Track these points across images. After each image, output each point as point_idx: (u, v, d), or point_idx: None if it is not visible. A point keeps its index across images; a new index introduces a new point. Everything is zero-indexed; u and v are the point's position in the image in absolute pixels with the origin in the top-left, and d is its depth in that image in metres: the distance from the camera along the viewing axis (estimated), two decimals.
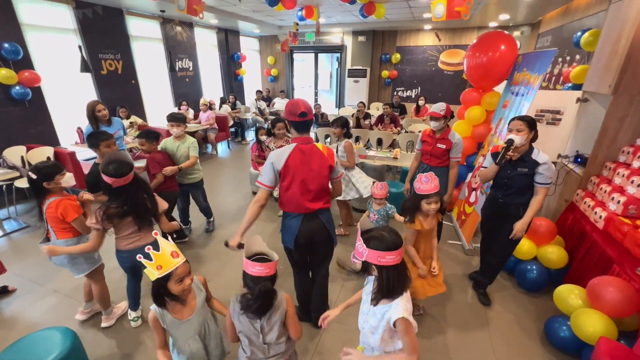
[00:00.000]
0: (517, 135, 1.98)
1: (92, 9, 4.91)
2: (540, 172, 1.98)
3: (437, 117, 2.62)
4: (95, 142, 2.30)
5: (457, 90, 7.83)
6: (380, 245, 1.09)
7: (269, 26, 7.85)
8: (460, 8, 3.15)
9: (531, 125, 1.99)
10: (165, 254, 1.21)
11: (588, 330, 1.78)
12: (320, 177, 1.80)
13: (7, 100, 4.03)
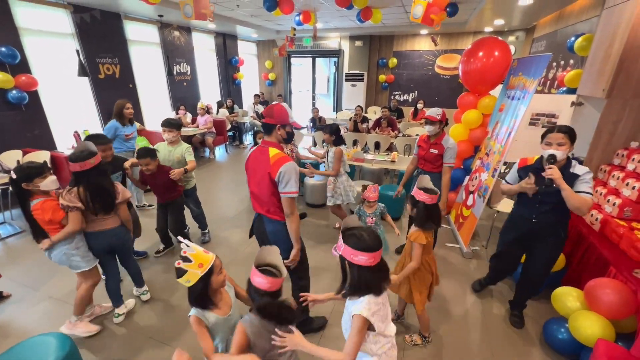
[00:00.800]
0: (558, 150, 1.76)
1: (90, 13, 4.91)
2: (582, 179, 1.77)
3: (432, 121, 2.62)
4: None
5: (453, 94, 7.90)
6: (357, 244, 1.12)
7: (266, 31, 7.90)
8: (434, 17, 3.18)
9: (572, 137, 1.78)
10: (199, 252, 1.23)
11: (586, 333, 1.79)
12: (261, 183, 1.75)
13: (3, 104, 4.01)
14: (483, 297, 2.59)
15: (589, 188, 1.74)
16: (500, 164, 2.90)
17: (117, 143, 3.60)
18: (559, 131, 1.78)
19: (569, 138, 1.76)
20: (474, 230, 3.15)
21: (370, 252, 1.11)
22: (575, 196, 1.72)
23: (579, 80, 3.08)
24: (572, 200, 1.72)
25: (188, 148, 2.97)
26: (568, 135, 1.76)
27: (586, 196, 1.73)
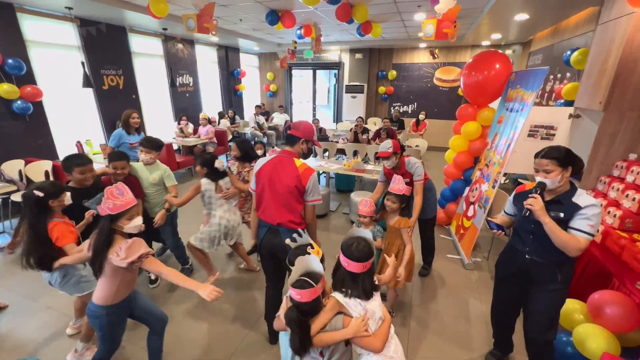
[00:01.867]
0: (546, 178, 1.52)
1: (96, 27, 5.03)
2: (582, 213, 1.46)
3: (386, 156, 2.46)
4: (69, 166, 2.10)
5: (452, 106, 8.00)
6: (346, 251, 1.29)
7: (268, 44, 8.05)
8: (447, 30, 3.26)
9: (562, 162, 1.49)
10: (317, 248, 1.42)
11: (591, 347, 1.76)
12: (286, 192, 1.79)
13: (8, 115, 4.06)
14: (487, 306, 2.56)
15: (589, 227, 1.45)
16: (500, 175, 2.92)
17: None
18: (544, 157, 1.52)
19: (557, 164, 1.49)
20: (475, 241, 3.14)
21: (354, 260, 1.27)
22: (559, 233, 1.47)
23: (575, 93, 3.14)
24: (555, 236, 1.48)
25: (167, 170, 2.63)
26: (556, 161, 1.49)
27: (578, 234, 1.46)
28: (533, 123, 3.24)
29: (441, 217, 4.02)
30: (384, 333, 1.27)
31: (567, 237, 1.47)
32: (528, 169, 3.46)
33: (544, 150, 1.55)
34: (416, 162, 2.50)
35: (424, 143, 5.96)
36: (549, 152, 1.53)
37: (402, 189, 2.14)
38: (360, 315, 1.25)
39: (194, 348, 2.15)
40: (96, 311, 1.55)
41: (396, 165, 2.53)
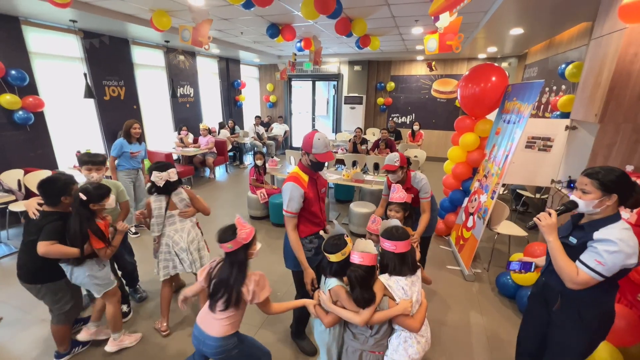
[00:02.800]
0: (580, 199, 1.34)
1: (99, 39, 5.11)
2: (592, 246, 1.27)
3: (393, 170, 2.36)
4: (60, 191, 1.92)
5: (450, 117, 8.10)
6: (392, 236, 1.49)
7: (268, 56, 8.19)
8: (451, 42, 3.33)
9: (605, 186, 1.27)
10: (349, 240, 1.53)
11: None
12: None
13: (9, 125, 4.08)
14: (489, 318, 2.53)
15: (595, 262, 1.25)
16: (498, 186, 2.93)
17: (122, 160, 3.76)
18: (586, 174, 1.33)
19: (598, 186, 1.28)
20: (475, 252, 3.12)
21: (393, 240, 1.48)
22: (558, 255, 1.33)
23: (571, 105, 3.19)
24: (553, 258, 1.35)
25: (121, 186, 2.40)
26: (597, 183, 1.28)
27: (580, 267, 1.29)
28: (530, 134, 3.28)
29: (440, 227, 4.01)
30: (422, 316, 1.48)
31: (565, 263, 1.31)
32: (525, 179, 3.49)
33: (594, 168, 1.34)
34: (423, 178, 2.40)
35: (423, 154, 6.00)
36: (594, 170, 1.32)
37: (402, 197, 2.08)
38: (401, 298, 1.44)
39: None
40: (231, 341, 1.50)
41: (401, 180, 2.42)
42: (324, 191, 2.04)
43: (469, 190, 3.69)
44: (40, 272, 1.88)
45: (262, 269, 1.55)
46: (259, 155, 4.52)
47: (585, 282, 1.27)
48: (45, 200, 1.84)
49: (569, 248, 1.35)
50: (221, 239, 1.44)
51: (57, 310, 1.95)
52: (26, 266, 1.87)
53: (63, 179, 1.87)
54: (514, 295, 2.72)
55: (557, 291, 1.43)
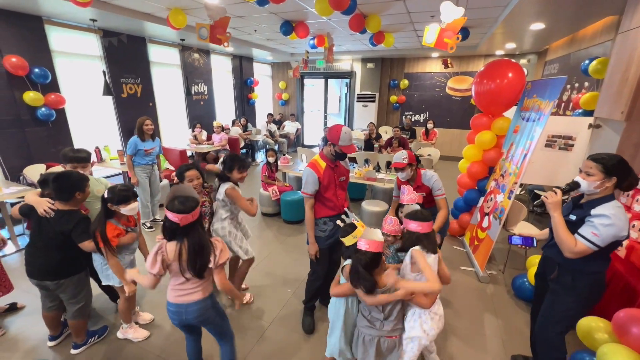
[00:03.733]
0: (583, 180, 1.51)
1: (117, 37, 5.24)
2: (589, 220, 1.46)
3: (401, 168, 2.34)
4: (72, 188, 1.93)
5: (465, 115, 7.92)
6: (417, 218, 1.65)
7: (281, 53, 8.20)
8: (448, 40, 3.23)
9: (607, 169, 1.45)
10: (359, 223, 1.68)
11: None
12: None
13: (32, 121, 4.24)
14: (504, 321, 2.46)
15: (591, 234, 1.44)
16: (516, 186, 2.85)
17: (137, 158, 3.83)
18: (592, 158, 1.50)
19: (601, 170, 1.45)
20: (490, 253, 3.05)
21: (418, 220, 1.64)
22: (560, 228, 1.52)
23: (595, 103, 3.06)
24: (555, 231, 1.54)
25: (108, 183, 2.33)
26: (601, 166, 1.45)
27: (578, 238, 1.48)
28: (551, 133, 3.16)
29: (454, 227, 3.94)
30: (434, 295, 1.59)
31: (565, 235, 1.50)
32: (545, 179, 3.38)
33: (599, 154, 1.52)
34: (433, 175, 2.38)
35: (437, 152, 5.89)
36: (599, 155, 1.50)
37: (414, 199, 2.02)
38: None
39: None
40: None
41: (411, 178, 2.41)
42: (343, 179, 2.20)
43: (484, 189, 3.60)
44: (61, 268, 1.90)
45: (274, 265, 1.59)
46: (271, 152, 4.54)
47: (582, 251, 1.46)
48: (58, 195, 1.82)
49: (569, 224, 1.54)
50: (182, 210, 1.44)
51: (75, 304, 1.98)
52: (45, 265, 1.88)
53: (77, 175, 1.89)
54: (531, 298, 2.64)
55: (555, 262, 1.65)
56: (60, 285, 1.91)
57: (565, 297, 1.64)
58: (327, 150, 2.10)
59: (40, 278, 1.91)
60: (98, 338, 2.23)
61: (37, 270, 1.90)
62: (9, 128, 4.04)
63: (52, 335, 2.17)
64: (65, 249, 1.88)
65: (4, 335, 2.28)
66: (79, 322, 2.05)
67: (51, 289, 1.93)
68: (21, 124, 4.14)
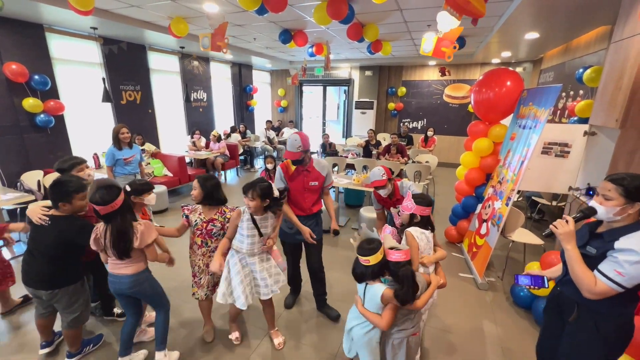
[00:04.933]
0: (600, 205, 1.29)
1: (118, 45, 5.28)
2: (613, 255, 1.21)
3: (383, 185, 2.32)
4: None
5: (462, 122, 7.99)
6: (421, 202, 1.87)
7: (280, 61, 8.29)
8: (445, 49, 3.29)
9: (629, 193, 1.22)
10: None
11: None
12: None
13: (31, 127, 4.24)
14: (504, 329, 2.45)
15: (614, 272, 1.19)
16: (514, 193, 2.87)
17: (118, 168, 3.61)
18: (610, 180, 1.28)
19: (622, 193, 1.22)
20: (489, 260, 3.04)
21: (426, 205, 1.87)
22: (575, 263, 1.28)
23: (590, 110, 3.10)
24: (570, 267, 1.31)
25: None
26: (622, 188, 1.22)
27: (598, 276, 1.24)
28: (547, 140, 3.19)
29: (452, 234, 3.94)
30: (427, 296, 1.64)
31: (583, 272, 1.26)
32: (542, 186, 3.40)
33: (619, 174, 1.29)
34: (410, 185, 2.35)
35: (434, 159, 5.92)
36: (619, 176, 1.27)
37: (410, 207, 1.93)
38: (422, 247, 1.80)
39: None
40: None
41: (391, 193, 2.38)
42: (314, 184, 2.33)
43: (482, 196, 3.62)
44: (56, 278, 1.87)
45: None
46: (270, 159, 4.55)
47: (604, 292, 1.22)
48: (56, 200, 1.79)
49: (587, 258, 1.30)
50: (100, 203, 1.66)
51: (70, 314, 1.93)
52: (40, 274, 1.85)
53: (76, 180, 1.88)
54: (530, 306, 2.63)
55: (573, 301, 1.39)
56: (55, 296, 1.87)
57: (587, 343, 1.36)
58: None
59: (36, 287, 1.87)
60: (93, 347, 2.19)
61: (32, 279, 1.88)
62: (7, 134, 4.04)
63: (45, 342, 2.12)
64: (61, 259, 1.85)
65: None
66: (74, 332, 2.01)
67: (45, 298, 1.89)
68: (20, 130, 4.14)
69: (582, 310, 1.37)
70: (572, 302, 1.40)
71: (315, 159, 2.41)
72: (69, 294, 1.90)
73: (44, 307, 2.01)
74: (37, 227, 1.83)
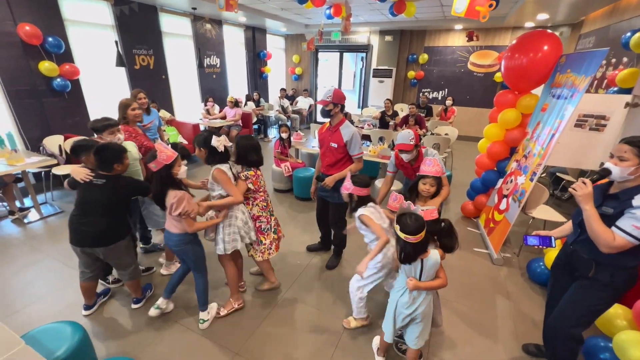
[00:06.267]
0: (615, 165, 1.38)
1: (129, 5, 5.10)
2: (631, 212, 1.32)
3: (408, 150, 2.24)
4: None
5: (487, 93, 7.55)
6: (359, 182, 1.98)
7: (295, 24, 7.88)
8: (480, 8, 2.96)
9: None
10: None
11: (634, 355, 1.63)
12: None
13: (49, 92, 4.26)
14: (517, 303, 2.44)
15: (632, 227, 1.30)
16: (540, 168, 2.72)
17: None
18: (626, 142, 1.37)
19: (637, 153, 1.33)
20: (506, 236, 2.97)
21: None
22: (594, 222, 1.37)
23: (634, 80, 2.82)
24: (589, 225, 1.40)
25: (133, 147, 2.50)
26: (637, 149, 1.33)
27: (617, 232, 1.34)
28: (581, 112, 2.96)
29: (470, 209, 3.85)
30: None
31: (602, 229, 1.36)
32: (570, 162, 3.22)
33: (634, 136, 1.38)
34: (436, 153, 2.27)
35: (454, 131, 5.67)
36: (635, 138, 1.36)
37: (439, 171, 1.98)
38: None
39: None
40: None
41: (414, 158, 2.34)
42: (334, 146, 2.45)
43: (504, 171, 3.47)
44: (112, 233, 2.00)
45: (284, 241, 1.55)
46: (285, 128, 4.46)
47: (622, 246, 1.33)
48: (111, 162, 1.93)
49: (605, 217, 1.39)
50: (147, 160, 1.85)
51: (127, 267, 2.13)
52: (98, 231, 1.95)
53: (118, 146, 1.99)
54: (546, 283, 2.59)
55: (588, 260, 1.51)
56: (111, 251, 2.02)
57: (599, 292, 1.53)
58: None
59: (92, 245, 1.97)
60: (150, 292, 2.43)
61: (87, 238, 1.97)
62: (27, 98, 4.08)
63: (87, 305, 2.25)
64: (116, 215, 2.01)
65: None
66: (135, 282, 2.24)
67: (101, 256, 2.02)
68: (38, 94, 4.18)
69: (600, 266, 1.49)
70: (586, 260, 1.53)
71: (347, 122, 2.46)
72: (123, 248, 2.07)
73: (91, 270, 2.12)
74: (88, 188, 1.94)
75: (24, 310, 2.26)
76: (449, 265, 2.93)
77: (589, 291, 1.55)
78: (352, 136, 2.40)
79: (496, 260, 2.98)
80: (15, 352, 1.14)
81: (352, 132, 2.42)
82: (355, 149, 2.45)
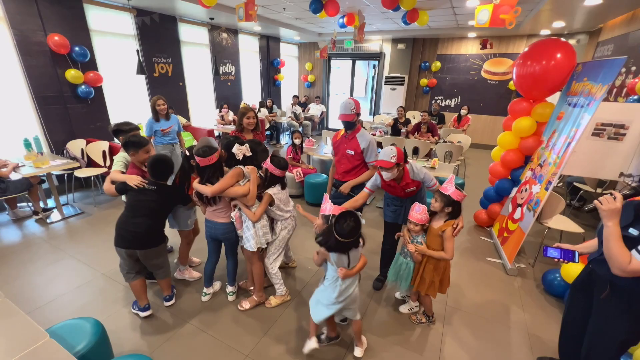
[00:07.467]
0: None
1: (150, 16, 5.33)
2: None
3: (387, 168, 2.04)
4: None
5: (500, 101, 7.46)
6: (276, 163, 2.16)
7: (309, 33, 8.03)
8: (505, 16, 2.95)
9: None
10: None
11: None
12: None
13: (73, 98, 4.47)
14: (531, 315, 2.38)
15: None
16: (555, 177, 2.67)
17: (157, 138, 3.86)
18: None
19: None
20: (520, 246, 2.91)
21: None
22: (612, 241, 1.27)
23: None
24: (606, 243, 1.30)
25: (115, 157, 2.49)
26: None
27: (635, 255, 1.25)
28: (599, 120, 2.90)
29: (482, 218, 3.79)
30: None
31: (619, 249, 1.25)
32: (588, 171, 3.14)
33: None
34: (421, 169, 2.19)
35: (467, 139, 5.62)
36: None
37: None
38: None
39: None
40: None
41: (397, 177, 2.17)
42: (350, 153, 2.53)
43: (518, 180, 3.41)
44: (153, 237, 2.15)
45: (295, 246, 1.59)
46: (298, 134, 4.53)
47: (637, 271, 1.24)
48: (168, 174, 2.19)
49: (627, 239, 1.28)
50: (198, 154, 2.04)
51: (162, 266, 2.28)
52: (143, 234, 2.08)
53: (171, 160, 2.20)
54: (563, 295, 2.52)
55: (605, 280, 1.41)
56: (149, 254, 2.14)
57: (617, 320, 1.40)
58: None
59: (135, 247, 2.08)
60: (175, 290, 2.54)
61: (130, 241, 2.07)
62: (53, 104, 4.30)
63: (143, 306, 2.28)
64: (160, 221, 2.20)
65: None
66: (168, 280, 2.40)
67: (140, 257, 2.13)
68: (64, 100, 4.39)
69: (615, 289, 1.38)
70: (604, 280, 1.42)
71: (363, 130, 2.56)
72: (158, 251, 2.20)
73: (136, 271, 2.22)
74: (140, 194, 2.11)
75: (46, 307, 2.35)
76: (462, 274, 2.89)
77: (609, 320, 1.43)
78: (369, 144, 2.50)
79: (510, 270, 2.92)
80: (41, 345, 1.21)
81: (369, 139, 2.50)
82: (372, 156, 2.51)
